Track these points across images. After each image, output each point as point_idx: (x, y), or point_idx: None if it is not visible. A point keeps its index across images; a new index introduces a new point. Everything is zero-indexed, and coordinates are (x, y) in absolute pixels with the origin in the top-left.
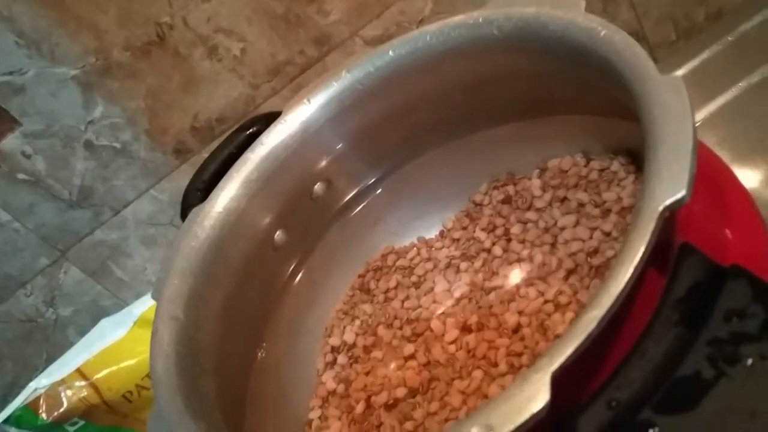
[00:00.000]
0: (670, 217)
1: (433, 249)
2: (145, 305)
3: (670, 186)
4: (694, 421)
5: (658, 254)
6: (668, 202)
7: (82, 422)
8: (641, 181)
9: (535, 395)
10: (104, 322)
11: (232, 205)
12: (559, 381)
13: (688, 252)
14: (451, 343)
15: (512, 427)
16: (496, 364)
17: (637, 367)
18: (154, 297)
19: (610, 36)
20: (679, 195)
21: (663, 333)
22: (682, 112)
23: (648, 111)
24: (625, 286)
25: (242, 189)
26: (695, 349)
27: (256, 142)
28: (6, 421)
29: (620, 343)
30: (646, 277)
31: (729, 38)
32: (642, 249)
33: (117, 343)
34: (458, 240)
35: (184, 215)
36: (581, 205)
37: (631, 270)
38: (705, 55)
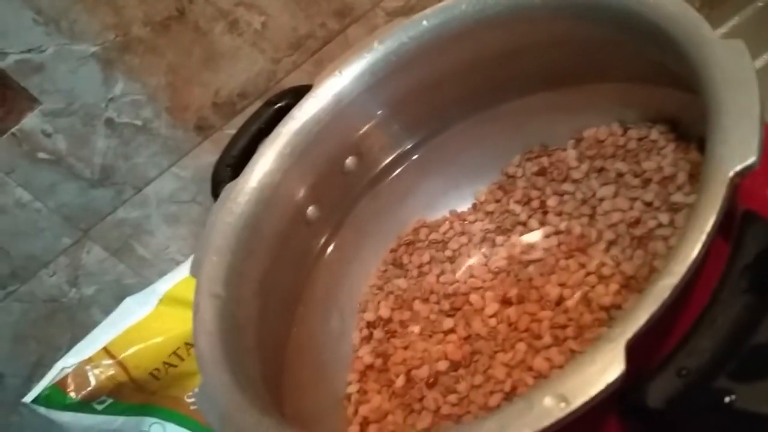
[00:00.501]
0: (739, 182)
1: (467, 222)
2: (168, 283)
3: (738, 151)
4: None
5: (723, 220)
6: (738, 168)
7: (110, 400)
8: (681, 149)
9: (609, 365)
10: (128, 301)
11: (266, 180)
12: (631, 350)
13: (751, 219)
14: (492, 316)
15: (586, 398)
16: (539, 337)
17: (707, 336)
18: (192, 273)
19: (661, 0)
20: (749, 161)
21: (731, 301)
22: (745, 75)
23: (708, 76)
24: (698, 254)
25: (276, 164)
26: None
27: (287, 116)
28: (35, 400)
29: (687, 311)
30: (712, 242)
31: (758, 3)
32: (714, 216)
33: (142, 321)
34: (492, 213)
35: (215, 192)
36: (620, 175)
37: (703, 237)
38: (732, 22)
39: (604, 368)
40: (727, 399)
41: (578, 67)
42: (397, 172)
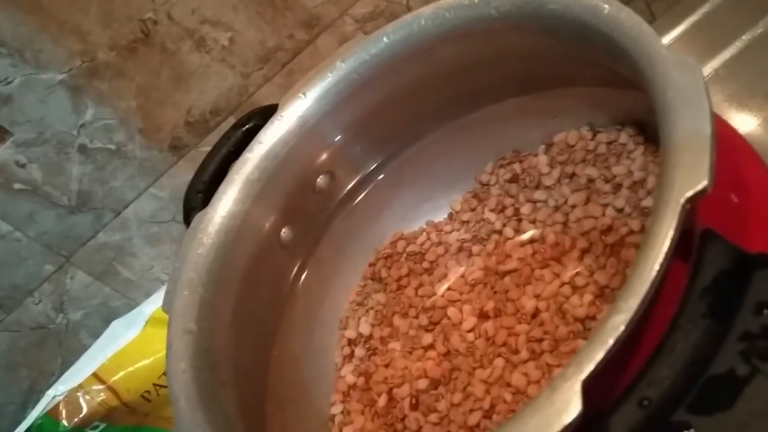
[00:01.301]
0: (692, 207)
1: (443, 233)
2: (155, 304)
3: (690, 176)
4: (730, 422)
5: (680, 242)
6: (690, 193)
7: (103, 425)
8: (650, 152)
9: (566, 406)
10: (116, 324)
11: (235, 208)
12: (589, 388)
13: (710, 238)
14: (470, 331)
15: None
16: (517, 351)
17: (667, 364)
18: (164, 309)
19: (615, 13)
20: (700, 186)
21: (691, 326)
22: (697, 95)
23: (661, 94)
24: (651, 286)
25: (244, 191)
26: (727, 344)
27: (254, 141)
28: (28, 431)
29: (647, 337)
30: (669, 266)
31: (702, 10)
32: (666, 245)
33: (130, 344)
34: (468, 222)
35: (186, 219)
36: (591, 180)
37: (656, 268)
38: (705, 8)
39: (561, 409)
40: None
41: (545, 74)
42: (371, 186)
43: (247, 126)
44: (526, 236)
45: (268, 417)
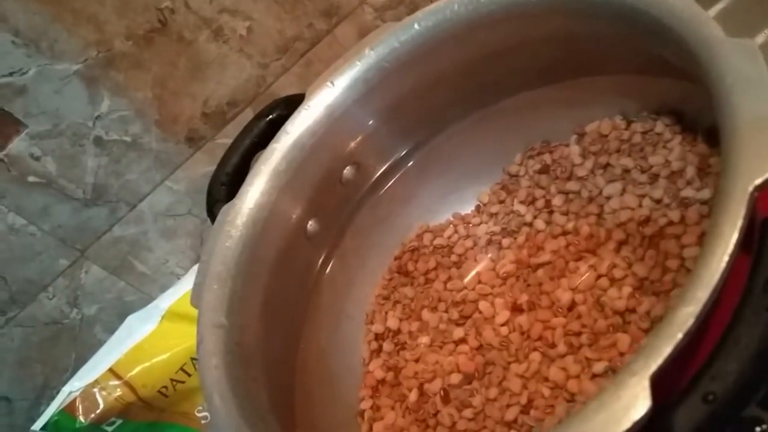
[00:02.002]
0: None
1: (471, 225)
2: (171, 298)
3: (757, 163)
4: None
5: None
6: (759, 181)
7: (120, 421)
8: (688, 142)
9: (634, 401)
10: (131, 319)
11: (262, 199)
12: (656, 383)
13: None
14: (503, 324)
15: None
16: (553, 345)
17: (732, 358)
18: (193, 303)
19: None
20: None
21: (755, 319)
22: (760, 78)
23: (719, 80)
24: (720, 278)
25: (271, 182)
26: None
27: (280, 131)
28: (44, 427)
29: (710, 330)
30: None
31: None
32: (735, 235)
33: (147, 339)
34: (496, 214)
35: (210, 212)
36: (626, 171)
37: (725, 259)
38: (722, 3)
39: (630, 405)
40: (758, 429)
41: (576, 61)
42: (396, 177)
43: (270, 116)
44: (558, 228)
45: (296, 412)
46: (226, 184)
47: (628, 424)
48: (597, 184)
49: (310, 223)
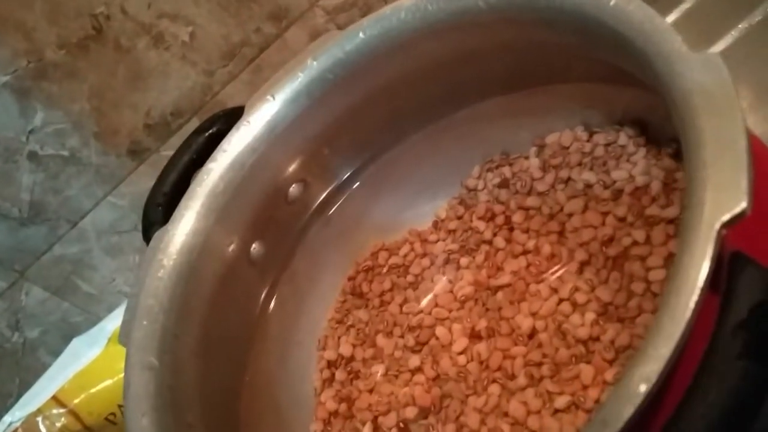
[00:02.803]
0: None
1: (428, 242)
2: (118, 319)
3: (725, 196)
4: None
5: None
6: (726, 217)
7: None
8: (653, 154)
9: None
10: (76, 342)
11: (198, 225)
12: None
13: (742, 264)
14: (461, 353)
15: None
16: (513, 377)
17: (699, 416)
18: (121, 342)
19: (623, 5)
20: (738, 208)
21: (725, 368)
22: (726, 100)
23: (683, 99)
24: (686, 327)
25: (208, 205)
26: None
27: (217, 149)
28: None
29: (674, 382)
30: None
31: None
32: (702, 278)
33: (92, 364)
34: (454, 231)
35: (146, 236)
36: (588, 186)
37: (691, 306)
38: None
39: None
40: None
41: (536, 70)
42: (348, 194)
43: (210, 131)
44: (519, 247)
45: None
46: (163, 205)
47: None
48: (558, 200)
49: (254, 246)
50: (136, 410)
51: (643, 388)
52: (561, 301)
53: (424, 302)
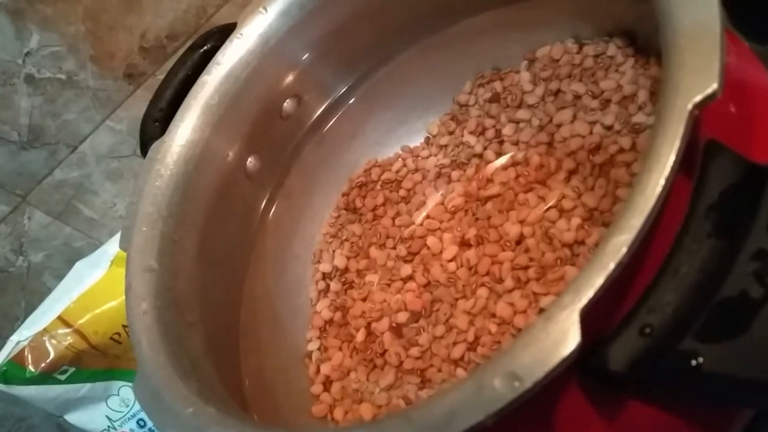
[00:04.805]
0: (699, 114)
1: (420, 158)
2: None
3: (698, 79)
4: (743, 349)
5: (684, 154)
6: (698, 98)
7: (72, 369)
8: (641, 65)
9: (564, 337)
10: (80, 265)
11: (194, 136)
12: (587, 317)
13: (716, 150)
14: (451, 260)
15: (541, 375)
16: (501, 280)
17: (670, 288)
18: (122, 248)
19: None
20: (709, 89)
21: (696, 246)
22: None
23: None
24: (656, 203)
25: (203, 117)
26: (738, 264)
27: (211, 62)
28: None
29: (648, 260)
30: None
31: None
32: (672, 157)
33: (96, 285)
34: (446, 146)
35: (144, 151)
36: (577, 97)
37: (662, 182)
38: None
39: (558, 341)
40: (693, 362)
41: None
42: (341, 111)
43: (204, 47)
44: (507, 158)
45: (241, 355)
46: (160, 120)
47: (556, 360)
48: (547, 112)
49: (249, 160)
50: (137, 309)
51: (615, 257)
52: (548, 208)
53: (416, 215)
